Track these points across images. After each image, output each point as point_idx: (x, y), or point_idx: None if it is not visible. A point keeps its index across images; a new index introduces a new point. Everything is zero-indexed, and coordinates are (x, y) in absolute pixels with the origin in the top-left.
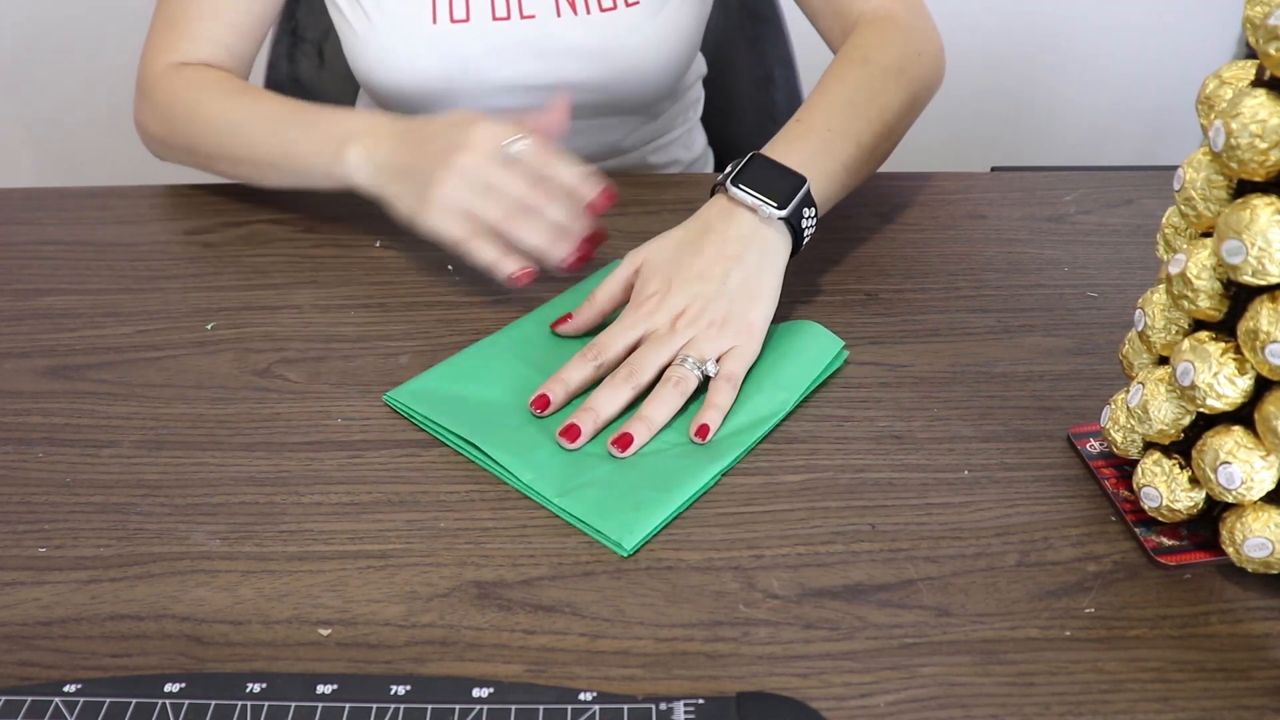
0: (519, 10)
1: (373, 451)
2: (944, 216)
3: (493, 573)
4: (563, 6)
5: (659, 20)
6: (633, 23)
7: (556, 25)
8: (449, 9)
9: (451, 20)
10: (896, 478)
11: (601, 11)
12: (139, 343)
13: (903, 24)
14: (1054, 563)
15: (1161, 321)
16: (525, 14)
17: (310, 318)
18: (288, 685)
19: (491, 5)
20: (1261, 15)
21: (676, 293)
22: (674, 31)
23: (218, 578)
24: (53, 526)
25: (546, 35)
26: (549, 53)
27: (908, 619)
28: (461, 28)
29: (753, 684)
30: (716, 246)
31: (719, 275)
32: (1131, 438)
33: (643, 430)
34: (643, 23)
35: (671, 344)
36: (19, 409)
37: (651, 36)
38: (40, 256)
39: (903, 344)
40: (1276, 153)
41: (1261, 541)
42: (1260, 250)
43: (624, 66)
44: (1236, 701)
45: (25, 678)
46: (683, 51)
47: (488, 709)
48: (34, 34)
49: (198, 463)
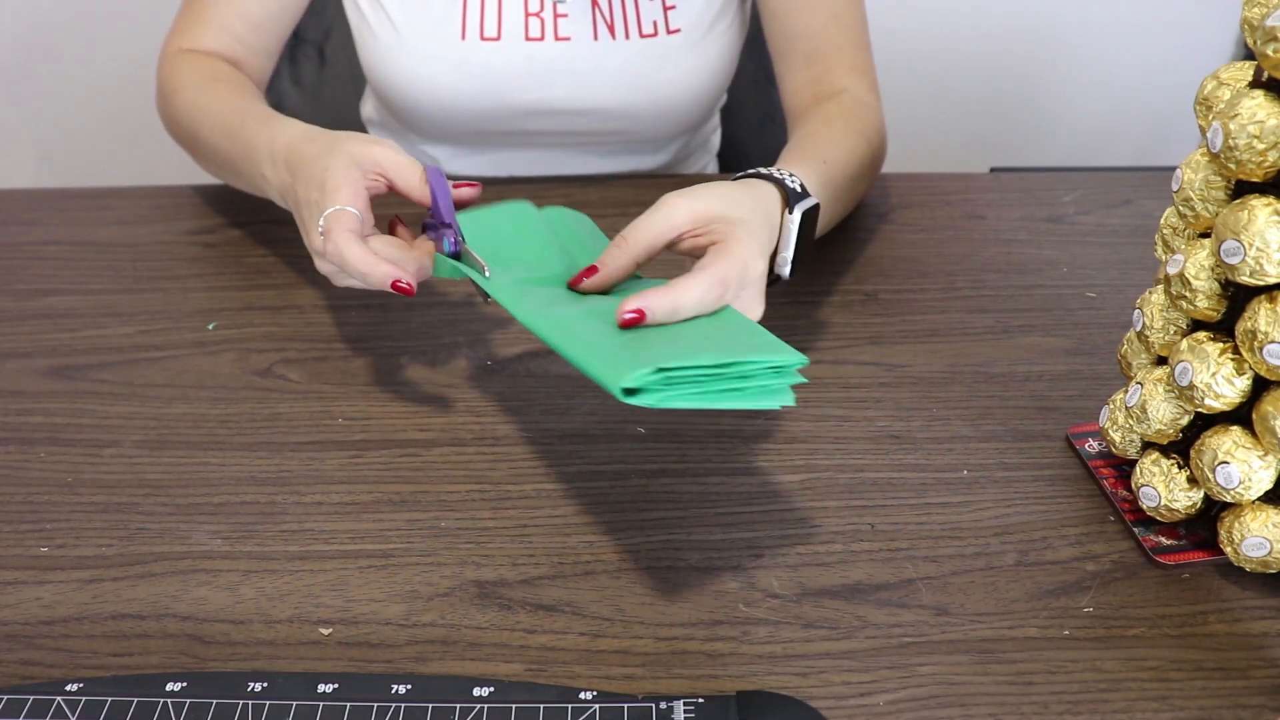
0: (554, 32)
1: (373, 451)
2: (943, 217)
3: (493, 572)
4: (600, 30)
5: (699, 49)
6: (672, 50)
7: (592, 49)
8: (480, 25)
9: (482, 38)
10: (896, 477)
11: (641, 38)
12: (140, 343)
13: (878, 119)
14: (1052, 562)
15: (1160, 322)
16: (560, 36)
17: (311, 318)
18: (289, 684)
19: (525, 24)
20: (1259, 16)
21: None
22: (711, 63)
23: (219, 577)
24: (55, 526)
25: (581, 59)
26: (581, 76)
27: (907, 618)
28: (491, 46)
29: (752, 683)
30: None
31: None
32: (1130, 438)
33: (662, 314)
34: (682, 51)
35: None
36: (21, 409)
37: (688, 66)
38: (42, 257)
39: (902, 344)
40: (1274, 153)
41: (1259, 541)
42: (1258, 251)
43: (658, 95)
44: (1234, 700)
45: (27, 677)
46: (719, 82)
47: (488, 708)
48: (36, 35)
49: (199, 462)
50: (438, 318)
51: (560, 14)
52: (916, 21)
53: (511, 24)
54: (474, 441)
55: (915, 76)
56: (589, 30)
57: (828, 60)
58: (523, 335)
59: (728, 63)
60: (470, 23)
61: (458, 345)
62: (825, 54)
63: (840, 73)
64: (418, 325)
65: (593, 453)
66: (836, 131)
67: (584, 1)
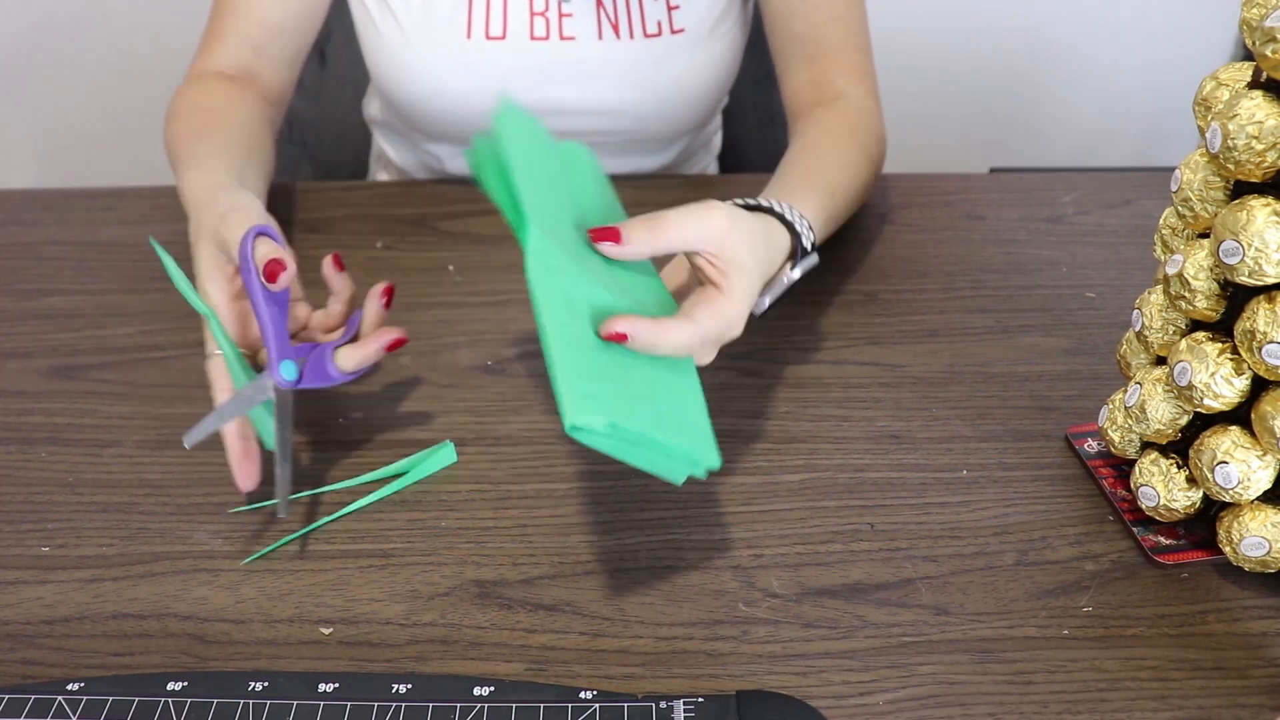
0: (559, 31)
1: (373, 451)
2: (943, 217)
3: (493, 572)
4: (605, 30)
5: (702, 49)
6: (676, 50)
7: (597, 49)
8: (485, 24)
9: (487, 37)
10: (895, 477)
11: (646, 37)
12: (142, 343)
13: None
14: (1052, 562)
15: (1159, 322)
16: (565, 35)
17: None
18: (289, 684)
19: (530, 23)
20: (1258, 17)
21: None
22: (715, 63)
23: (220, 577)
24: (55, 526)
25: (585, 59)
26: (586, 77)
27: (906, 618)
28: (497, 45)
29: (752, 682)
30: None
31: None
32: (1129, 437)
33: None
34: (686, 51)
35: None
36: (22, 409)
37: (691, 66)
38: (43, 257)
39: (901, 344)
40: (1273, 154)
41: (1258, 540)
42: (1257, 251)
43: (662, 95)
44: (1233, 700)
45: (28, 676)
46: (722, 83)
47: (488, 707)
48: (37, 35)
49: (200, 462)
50: (438, 318)
51: (565, 13)
52: (916, 21)
53: (517, 23)
54: (474, 441)
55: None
56: (593, 30)
57: (828, 62)
58: (522, 335)
59: (731, 63)
60: (476, 22)
61: (458, 345)
62: (825, 56)
63: (840, 75)
64: (418, 325)
65: (593, 453)
66: (841, 150)
67: (589, 1)
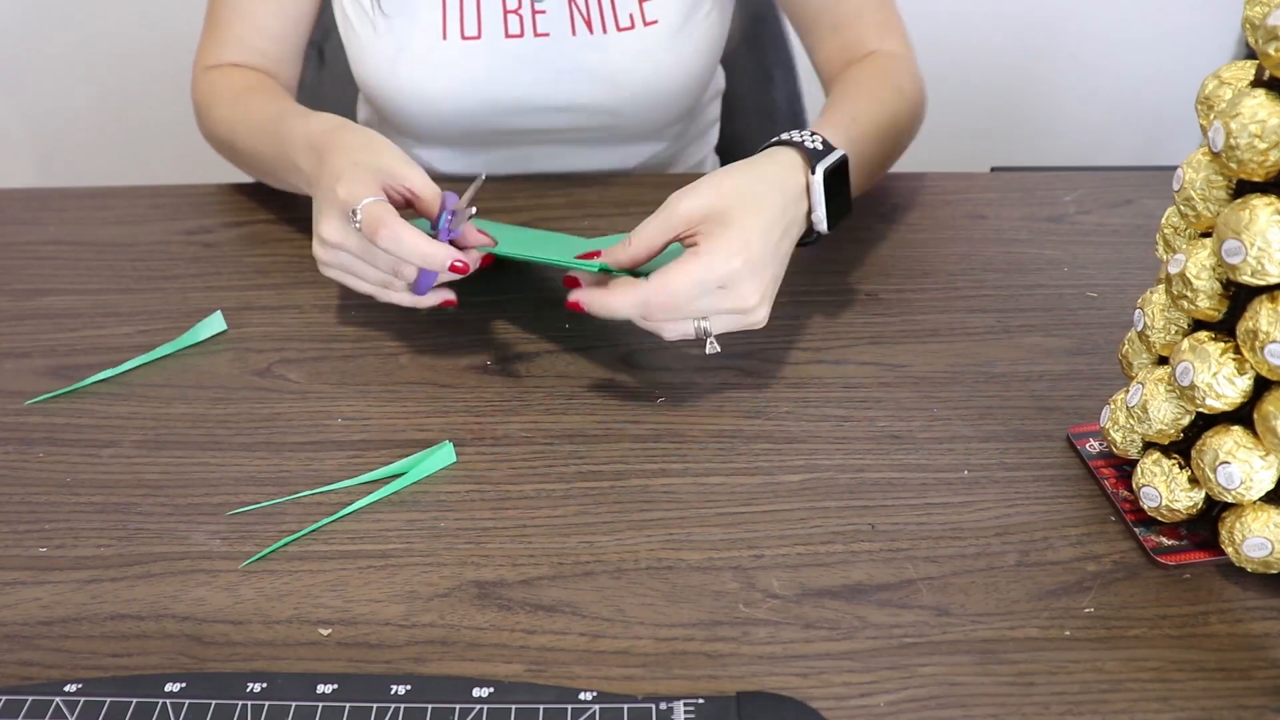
0: (533, 28)
1: (373, 451)
2: (944, 217)
3: (493, 572)
4: (578, 25)
5: (676, 42)
6: (649, 44)
7: (570, 45)
8: (460, 25)
9: (463, 37)
10: (896, 478)
11: (618, 31)
12: (140, 343)
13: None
14: (1053, 562)
15: (1161, 321)
16: (539, 32)
17: (310, 318)
18: (288, 685)
19: (505, 22)
20: (1261, 15)
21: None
22: (692, 54)
23: (218, 577)
24: (53, 526)
25: (559, 55)
26: (561, 73)
27: (907, 619)
28: (472, 45)
29: (752, 684)
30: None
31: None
32: (1131, 438)
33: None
34: (660, 44)
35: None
36: (20, 409)
37: (667, 59)
38: (41, 256)
39: (902, 344)
40: (1276, 153)
41: (1261, 541)
42: (1259, 250)
43: (638, 90)
44: (1236, 701)
45: (26, 677)
46: (701, 74)
47: (488, 709)
48: (35, 34)
49: (198, 463)
50: (438, 318)
51: (538, 10)
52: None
53: (491, 22)
54: (474, 441)
55: None
56: (567, 26)
57: (854, 26)
58: (523, 335)
59: (711, 52)
60: (450, 22)
61: (458, 345)
62: (849, 21)
63: (868, 34)
64: (418, 325)
65: (593, 453)
66: (865, 87)
67: None
